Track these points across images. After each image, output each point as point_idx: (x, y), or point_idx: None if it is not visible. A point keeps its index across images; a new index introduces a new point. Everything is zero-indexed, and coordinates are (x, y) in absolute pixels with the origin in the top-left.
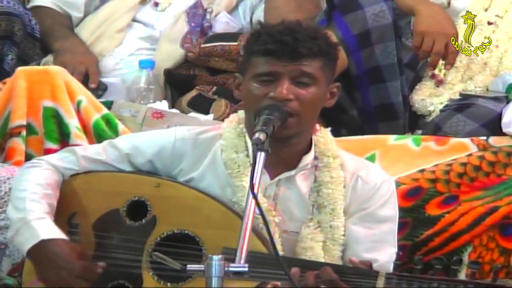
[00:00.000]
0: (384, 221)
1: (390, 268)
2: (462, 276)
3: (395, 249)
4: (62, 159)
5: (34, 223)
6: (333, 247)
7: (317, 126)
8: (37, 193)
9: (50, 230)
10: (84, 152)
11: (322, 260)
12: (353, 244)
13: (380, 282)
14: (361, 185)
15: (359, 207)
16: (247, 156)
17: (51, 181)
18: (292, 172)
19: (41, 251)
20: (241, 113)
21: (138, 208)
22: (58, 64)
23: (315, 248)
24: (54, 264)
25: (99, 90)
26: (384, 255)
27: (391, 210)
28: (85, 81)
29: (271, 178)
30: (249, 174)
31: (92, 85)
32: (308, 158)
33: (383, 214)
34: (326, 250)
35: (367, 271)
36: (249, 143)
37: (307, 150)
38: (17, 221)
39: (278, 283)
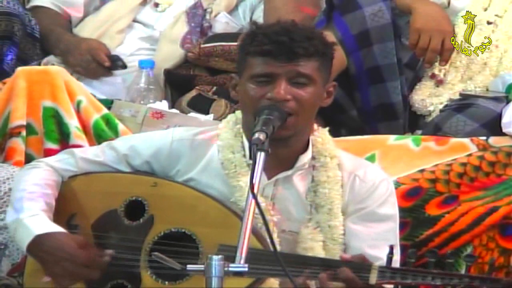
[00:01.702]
0: (384, 220)
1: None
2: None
3: (397, 248)
4: (61, 161)
5: (27, 221)
6: (333, 247)
7: (315, 126)
8: (35, 193)
9: (43, 225)
10: (83, 154)
11: None
12: (355, 243)
13: (373, 275)
14: (358, 184)
15: (357, 206)
16: (244, 156)
17: (50, 182)
18: (289, 172)
19: (39, 246)
20: (238, 113)
21: (135, 208)
22: (69, 68)
23: (316, 248)
24: (56, 257)
25: (117, 65)
26: (385, 252)
27: (391, 209)
28: (102, 65)
29: (269, 178)
30: (246, 174)
31: (106, 64)
32: (305, 158)
33: (382, 213)
34: (326, 250)
35: (359, 265)
36: (246, 144)
37: (304, 150)
38: (13, 222)
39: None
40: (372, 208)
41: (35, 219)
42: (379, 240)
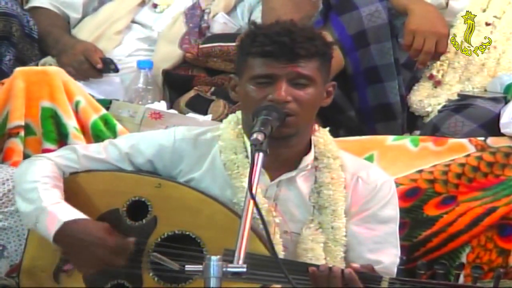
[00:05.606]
0: (385, 222)
1: (394, 269)
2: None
3: (398, 251)
4: (63, 157)
5: (51, 208)
6: (335, 248)
7: (316, 126)
8: (48, 183)
9: (69, 212)
10: (85, 150)
11: (323, 261)
12: (356, 245)
13: (384, 287)
14: (361, 186)
15: (360, 208)
16: (246, 157)
17: (57, 175)
18: (293, 173)
19: (68, 233)
20: (239, 114)
21: (138, 208)
22: (61, 67)
23: (316, 249)
24: (85, 243)
25: (109, 68)
26: (387, 256)
27: (393, 211)
28: (94, 67)
29: (272, 179)
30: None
31: (98, 66)
32: (309, 159)
33: (384, 215)
34: (328, 251)
35: (370, 276)
36: (248, 144)
37: (307, 150)
38: (33, 211)
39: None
40: (374, 210)
41: (60, 207)
42: (380, 243)
